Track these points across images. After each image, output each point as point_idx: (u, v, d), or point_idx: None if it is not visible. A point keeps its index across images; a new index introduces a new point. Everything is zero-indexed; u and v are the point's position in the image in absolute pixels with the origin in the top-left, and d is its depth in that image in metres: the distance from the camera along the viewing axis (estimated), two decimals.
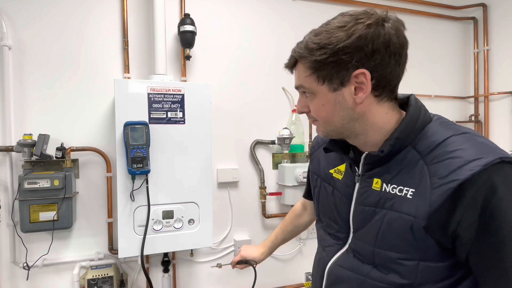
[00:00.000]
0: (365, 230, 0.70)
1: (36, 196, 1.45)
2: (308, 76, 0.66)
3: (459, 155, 0.58)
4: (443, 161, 0.59)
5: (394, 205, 0.64)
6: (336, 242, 0.79)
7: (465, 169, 0.56)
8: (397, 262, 0.65)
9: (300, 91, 0.71)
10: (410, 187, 0.63)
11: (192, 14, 1.72)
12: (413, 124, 0.65)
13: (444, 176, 0.58)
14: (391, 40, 0.61)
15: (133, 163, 1.39)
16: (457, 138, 0.62)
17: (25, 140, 1.46)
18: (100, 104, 1.65)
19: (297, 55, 0.67)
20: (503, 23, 2.27)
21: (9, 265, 1.55)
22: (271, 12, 1.94)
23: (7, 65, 1.51)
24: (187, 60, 1.76)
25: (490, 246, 0.56)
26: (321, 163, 0.87)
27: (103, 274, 1.60)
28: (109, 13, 1.67)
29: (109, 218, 1.65)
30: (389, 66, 0.63)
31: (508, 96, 2.24)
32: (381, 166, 0.69)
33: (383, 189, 0.67)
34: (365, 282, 0.69)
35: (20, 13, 1.55)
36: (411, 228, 0.61)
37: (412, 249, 0.62)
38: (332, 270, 0.78)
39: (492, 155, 0.57)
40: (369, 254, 0.69)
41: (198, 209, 1.55)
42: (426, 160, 0.62)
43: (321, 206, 0.87)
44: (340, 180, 0.78)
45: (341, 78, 0.63)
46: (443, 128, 0.65)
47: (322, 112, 0.68)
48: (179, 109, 1.51)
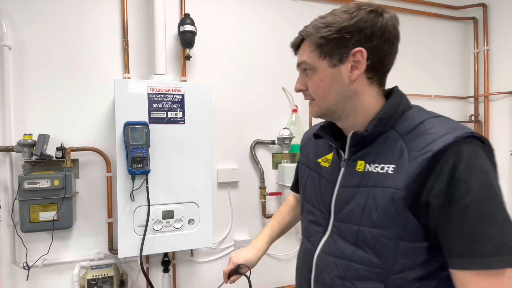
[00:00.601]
0: (348, 211, 0.74)
1: (36, 196, 1.45)
2: (312, 51, 0.73)
3: (434, 131, 0.65)
4: (420, 137, 0.66)
5: (377, 182, 0.69)
6: (318, 230, 0.82)
7: (438, 141, 0.62)
8: (379, 240, 0.68)
9: (302, 68, 0.77)
10: (390, 163, 0.68)
11: (192, 14, 1.72)
12: (395, 108, 0.73)
13: (420, 149, 0.64)
14: (387, 29, 0.71)
15: (133, 163, 1.39)
16: (433, 120, 0.69)
17: (25, 140, 1.46)
18: (100, 104, 1.65)
19: (304, 33, 0.75)
20: (503, 23, 2.27)
21: (9, 265, 1.55)
22: (271, 12, 1.94)
23: (7, 65, 1.51)
24: (187, 60, 1.76)
25: (456, 213, 0.60)
26: (310, 154, 0.92)
27: (103, 274, 1.60)
28: (109, 13, 1.67)
29: (109, 218, 1.65)
30: (382, 51, 0.72)
31: (508, 96, 2.24)
32: (365, 147, 0.74)
33: (366, 169, 0.72)
34: (350, 267, 0.72)
35: (20, 13, 1.55)
36: (392, 199, 0.65)
37: (393, 223, 0.66)
38: (319, 259, 0.80)
39: (463, 130, 0.63)
40: (353, 233, 0.72)
41: (198, 209, 1.55)
42: (405, 139, 0.68)
43: (306, 194, 0.90)
44: (327, 167, 0.83)
45: (341, 54, 0.70)
46: (421, 113, 0.74)
47: (320, 88, 0.74)
48: (179, 109, 1.51)
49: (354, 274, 0.71)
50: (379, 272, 0.68)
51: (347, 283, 0.72)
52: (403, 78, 2.25)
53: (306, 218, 0.89)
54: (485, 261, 0.57)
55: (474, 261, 0.58)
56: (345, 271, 0.73)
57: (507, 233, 0.58)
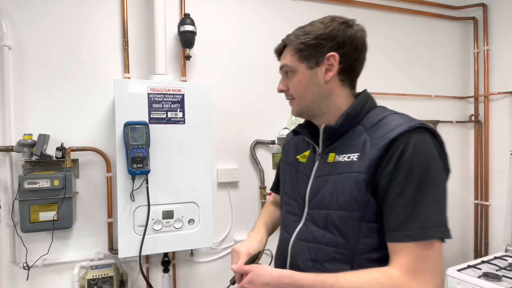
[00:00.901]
0: (319, 198, 0.83)
1: (36, 196, 1.45)
2: (292, 55, 0.84)
3: (392, 123, 0.75)
4: (381, 128, 0.76)
5: (344, 170, 0.79)
6: (294, 220, 0.90)
7: (395, 130, 0.73)
8: (345, 221, 0.76)
9: (284, 71, 0.88)
10: (355, 152, 0.78)
11: (192, 14, 1.72)
12: (361, 106, 0.84)
13: (380, 137, 0.74)
14: (356, 38, 0.82)
15: (133, 163, 1.40)
16: (393, 115, 0.80)
17: (25, 140, 1.46)
18: (100, 104, 1.65)
19: (286, 40, 0.87)
20: (503, 23, 2.27)
21: (9, 265, 1.55)
22: (271, 12, 1.94)
23: (7, 65, 1.51)
24: (187, 60, 1.76)
25: (395, 192, 0.70)
26: (290, 153, 1.02)
27: (103, 274, 1.60)
28: (109, 13, 1.67)
29: (109, 218, 1.65)
30: (352, 57, 0.82)
31: (508, 96, 2.24)
32: (336, 141, 0.84)
33: (335, 160, 0.82)
34: (320, 249, 0.80)
35: (20, 13, 1.55)
36: (356, 182, 0.74)
37: (357, 205, 0.74)
38: (294, 246, 0.87)
39: (415, 122, 0.74)
40: (323, 218, 0.80)
41: (198, 209, 1.55)
42: (369, 132, 0.79)
43: (285, 188, 0.99)
44: (304, 162, 0.93)
45: (317, 58, 0.82)
46: (384, 110, 0.84)
47: (299, 87, 0.85)
48: (179, 109, 1.51)
49: (324, 256, 0.79)
50: (345, 253, 0.77)
51: (317, 265, 0.80)
52: (403, 78, 2.25)
53: (284, 209, 0.97)
54: (414, 235, 0.67)
55: (405, 234, 0.68)
56: (316, 253, 0.81)
57: (434, 210, 0.70)
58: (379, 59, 2.18)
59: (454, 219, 2.41)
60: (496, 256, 1.97)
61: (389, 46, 2.21)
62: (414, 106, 2.28)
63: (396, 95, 2.20)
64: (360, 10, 2.14)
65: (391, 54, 2.22)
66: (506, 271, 1.76)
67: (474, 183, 2.44)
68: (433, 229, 0.68)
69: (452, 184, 2.68)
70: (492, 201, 2.34)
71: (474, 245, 2.45)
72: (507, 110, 2.24)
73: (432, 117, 2.32)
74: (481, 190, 2.40)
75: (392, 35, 2.22)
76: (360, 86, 0.91)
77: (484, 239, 2.38)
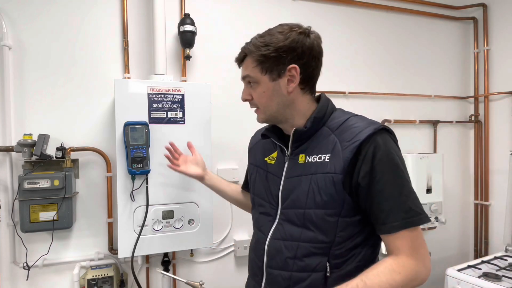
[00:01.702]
0: (293, 198, 0.87)
1: (36, 196, 1.45)
2: (254, 67, 0.87)
3: (358, 125, 0.83)
4: (348, 130, 0.83)
5: (317, 170, 0.84)
6: (268, 220, 0.93)
7: (362, 132, 0.80)
8: (323, 219, 0.82)
9: (246, 81, 0.92)
10: (326, 153, 0.84)
11: (192, 14, 1.72)
12: (324, 109, 0.90)
13: (350, 139, 0.81)
14: (314, 47, 0.86)
15: (133, 163, 1.40)
16: (354, 117, 0.87)
17: (25, 140, 1.46)
18: (100, 104, 1.65)
19: (246, 50, 0.89)
20: (503, 23, 2.27)
21: (9, 265, 1.55)
22: (271, 12, 1.94)
23: (7, 65, 1.51)
24: (187, 60, 1.76)
25: (377, 190, 0.78)
26: (257, 155, 1.06)
27: (103, 274, 1.60)
28: (109, 13, 1.67)
29: (109, 218, 1.65)
30: (311, 66, 0.87)
31: (508, 96, 2.24)
32: (304, 143, 0.89)
33: (306, 161, 0.87)
34: (299, 246, 0.85)
35: (20, 13, 1.55)
36: (333, 182, 0.80)
37: (334, 203, 0.81)
38: (270, 245, 0.91)
39: (378, 124, 0.82)
40: (300, 216, 0.85)
41: (198, 209, 1.55)
42: (336, 133, 0.85)
43: (256, 189, 1.02)
44: (273, 164, 0.97)
45: (279, 70, 0.85)
46: (344, 113, 0.91)
47: (263, 98, 0.89)
48: (179, 109, 1.51)
49: (303, 252, 0.84)
50: (323, 247, 0.83)
51: (297, 261, 0.85)
52: (403, 78, 2.25)
53: (257, 210, 1.00)
54: (400, 225, 0.76)
55: (392, 226, 0.77)
56: (295, 251, 0.85)
57: (411, 200, 0.78)
58: (379, 59, 2.18)
59: (454, 219, 2.41)
60: (496, 256, 1.97)
61: (389, 46, 2.21)
62: (414, 106, 2.28)
63: (396, 95, 2.20)
64: (360, 10, 2.13)
65: (391, 54, 2.22)
66: (506, 271, 1.76)
67: (474, 183, 2.44)
68: (416, 217, 0.77)
69: (452, 184, 2.70)
70: (492, 201, 2.34)
71: (474, 245, 2.45)
72: (507, 110, 2.24)
73: (432, 117, 2.32)
74: (481, 190, 2.39)
75: (392, 35, 2.22)
76: (360, 87, 0.92)
77: (484, 239, 2.38)
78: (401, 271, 0.75)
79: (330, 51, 2.07)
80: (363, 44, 2.14)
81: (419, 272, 0.77)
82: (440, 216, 2.01)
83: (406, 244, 0.77)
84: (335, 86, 2.06)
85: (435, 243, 2.33)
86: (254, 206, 1.04)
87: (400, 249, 0.77)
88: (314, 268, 0.83)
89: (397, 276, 0.74)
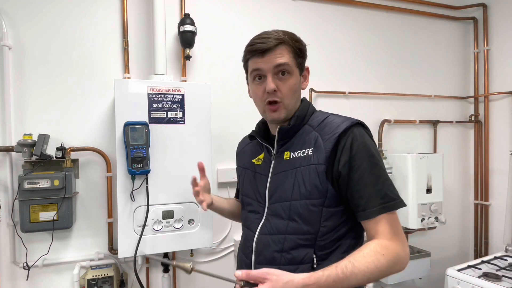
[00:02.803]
0: (280, 192, 0.90)
1: (36, 196, 1.45)
2: (292, 57, 0.89)
3: (336, 121, 0.89)
4: (327, 126, 0.89)
5: (302, 163, 0.88)
6: (256, 218, 0.96)
7: (340, 126, 0.86)
8: (307, 209, 0.85)
9: (280, 69, 0.88)
10: (309, 148, 0.88)
11: (192, 14, 1.72)
12: (306, 108, 0.96)
13: (330, 132, 0.86)
14: None
15: (133, 163, 1.39)
16: (333, 116, 0.92)
17: (25, 140, 1.46)
18: (100, 104, 1.65)
19: (282, 38, 0.88)
20: (503, 23, 2.27)
21: (9, 265, 1.55)
22: (272, 12, 1.94)
23: (7, 65, 1.51)
24: (187, 60, 1.76)
25: (356, 178, 0.82)
26: (245, 158, 1.09)
27: (103, 274, 1.60)
28: (109, 13, 1.67)
29: (109, 218, 1.65)
30: None
31: (508, 96, 2.24)
32: (288, 141, 0.93)
33: (291, 157, 0.91)
34: (286, 239, 0.87)
35: (20, 13, 1.55)
36: (317, 172, 0.85)
37: (318, 193, 0.85)
38: (258, 241, 0.93)
39: (353, 119, 0.88)
40: (286, 209, 0.88)
41: (198, 209, 1.55)
42: (317, 130, 0.90)
43: (244, 190, 1.05)
44: (260, 164, 1.00)
45: (303, 67, 0.94)
46: (323, 113, 0.97)
47: (291, 91, 0.91)
48: (179, 109, 1.51)
49: (290, 245, 0.87)
50: (309, 238, 0.85)
51: (285, 254, 0.87)
52: (403, 78, 2.25)
53: (246, 209, 1.03)
54: (378, 210, 0.81)
55: (372, 211, 0.81)
56: (282, 244, 0.88)
57: (387, 187, 0.83)
58: (379, 59, 2.18)
59: (454, 219, 2.41)
60: (496, 256, 1.97)
61: (389, 46, 2.21)
62: (414, 106, 2.28)
63: (396, 95, 2.20)
64: (360, 10, 2.13)
65: (391, 54, 2.22)
66: (506, 271, 1.76)
67: (474, 183, 2.44)
68: (393, 202, 0.82)
69: (452, 184, 2.70)
70: (492, 201, 2.34)
71: (474, 245, 2.45)
72: (507, 110, 2.24)
73: (432, 117, 2.32)
74: (481, 190, 2.40)
75: (392, 35, 2.22)
76: (360, 87, 0.93)
77: (484, 239, 2.38)
78: (384, 253, 0.78)
79: (330, 51, 2.07)
80: (363, 44, 2.14)
81: (400, 256, 0.80)
82: (440, 216, 2.01)
83: (386, 229, 0.81)
84: (335, 86, 2.06)
85: (435, 243, 2.33)
86: (243, 207, 1.06)
87: (381, 233, 0.81)
88: (301, 260, 0.86)
89: (381, 257, 0.77)
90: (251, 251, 0.94)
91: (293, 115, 0.93)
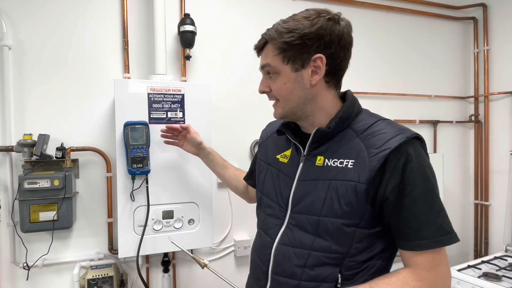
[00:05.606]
0: (308, 203, 0.79)
1: (36, 196, 1.45)
2: (275, 55, 0.78)
3: (387, 131, 0.74)
4: (376, 136, 0.74)
5: (337, 175, 0.76)
6: (275, 223, 0.86)
7: (392, 140, 0.72)
8: (339, 229, 0.75)
9: (265, 70, 0.83)
10: (349, 159, 0.75)
11: (192, 14, 1.72)
12: (351, 109, 0.81)
13: (378, 146, 0.73)
14: (343, 36, 0.77)
15: (133, 163, 1.39)
16: (382, 122, 0.78)
17: (25, 140, 1.46)
18: (100, 104, 1.65)
19: (267, 36, 0.80)
20: (503, 23, 2.27)
21: (9, 265, 1.55)
22: (272, 12, 1.94)
23: (7, 65, 1.51)
24: (187, 60, 1.76)
25: (406, 205, 0.71)
26: (268, 151, 0.97)
27: (103, 274, 1.60)
28: (109, 13, 1.67)
29: (109, 218, 1.65)
30: (339, 57, 0.78)
31: (508, 96, 2.24)
32: (324, 144, 0.81)
33: (325, 164, 0.79)
34: (310, 255, 0.78)
35: (20, 13, 1.55)
36: (355, 191, 0.73)
37: (354, 213, 0.74)
38: (277, 251, 0.84)
39: (409, 132, 0.74)
40: (314, 224, 0.78)
41: (198, 209, 1.55)
42: (361, 137, 0.76)
43: (265, 189, 0.94)
44: (286, 163, 0.88)
45: (303, 60, 0.76)
46: (371, 115, 0.82)
47: (283, 91, 0.80)
48: (179, 109, 1.51)
49: (314, 262, 0.78)
50: (337, 257, 0.76)
51: (307, 270, 0.78)
52: (403, 77, 2.25)
53: (264, 212, 0.93)
54: (427, 243, 0.70)
55: (419, 244, 0.70)
56: (305, 259, 0.79)
57: (442, 218, 0.71)
58: (379, 59, 2.18)
59: (454, 219, 2.41)
60: (496, 256, 1.97)
61: (389, 46, 2.21)
62: (414, 106, 2.27)
63: (396, 95, 2.20)
64: (360, 10, 2.13)
65: (391, 54, 2.22)
66: (506, 271, 1.76)
67: (474, 183, 2.44)
68: (445, 237, 0.71)
69: (452, 184, 2.69)
70: (492, 201, 2.34)
71: (474, 245, 2.45)
72: (507, 110, 2.24)
73: (432, 117, 2.32)
74: (481, 190, 2.39)
75: (392, 35, 2.22)
76: (360, 86, 0.91)
77: (484, 239, 2.38)
78: (415, 285, 0.69)
79: None
80: (363, 44, 2.14)
81: None
82: None
83: (427, 260, 0.71)
84: None
85: None
86: (260, 206, 0.98)
87: (419, 264, 0.71)
88: (324, 278, 0.77)
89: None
90: (268, 259, 0.86)
91: (333, 116, 0.80)
